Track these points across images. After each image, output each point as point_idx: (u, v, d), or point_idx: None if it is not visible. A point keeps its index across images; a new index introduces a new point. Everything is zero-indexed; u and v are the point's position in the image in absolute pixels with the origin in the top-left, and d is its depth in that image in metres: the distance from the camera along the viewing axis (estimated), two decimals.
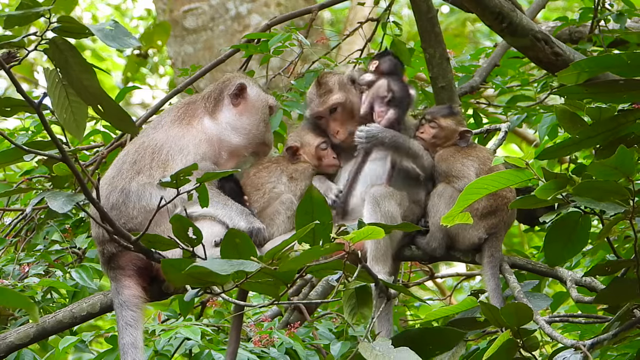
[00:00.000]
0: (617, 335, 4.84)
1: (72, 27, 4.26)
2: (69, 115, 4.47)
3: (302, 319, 6.72)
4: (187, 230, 4.53)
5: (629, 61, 4.77)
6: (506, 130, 6.22)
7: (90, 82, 4.34)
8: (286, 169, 5.58)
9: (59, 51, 4.30)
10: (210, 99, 5.52)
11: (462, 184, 5.48)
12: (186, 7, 11.75)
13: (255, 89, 5.59)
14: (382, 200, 5.33)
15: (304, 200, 4.53)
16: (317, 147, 5.61)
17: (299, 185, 5.54)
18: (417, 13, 7.00)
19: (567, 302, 7.27)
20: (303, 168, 5.59)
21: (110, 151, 7.02)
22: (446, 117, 5.69)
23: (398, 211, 5.38)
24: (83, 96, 4.38)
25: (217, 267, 4.15)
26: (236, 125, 5.50)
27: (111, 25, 4.27)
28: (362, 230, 4.40)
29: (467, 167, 5.56)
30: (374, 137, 5.45)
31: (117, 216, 5.21)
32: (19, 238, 6.85)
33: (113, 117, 4.47)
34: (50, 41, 4.28)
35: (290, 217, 5.41)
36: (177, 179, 4.54)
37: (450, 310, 5.18)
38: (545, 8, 10.19)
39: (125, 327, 5.17)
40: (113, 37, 4.28)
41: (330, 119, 5.60)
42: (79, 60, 4.31)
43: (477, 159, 5.60)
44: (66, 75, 4.35)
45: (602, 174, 4.58)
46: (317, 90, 5.62)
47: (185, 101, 5.62)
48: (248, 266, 4.16)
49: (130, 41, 4.30)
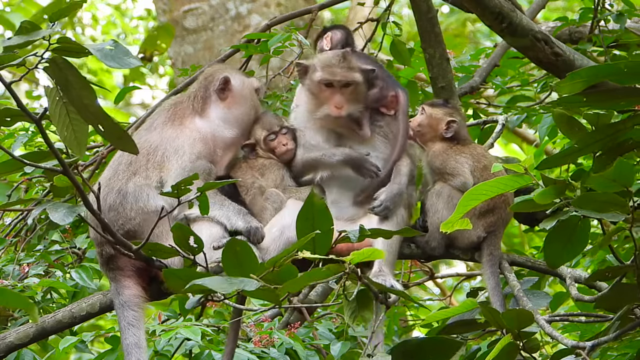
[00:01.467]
0: (618, 337, 4.84)
1: (72, 47, 4.27)
2: (70, 133, 4.47)
3: (302, 319, 6.71)
4: (188, 239, 4.54)
5: (626, 69, 4.79)
6: (503, 122, 6.21)
7: (90, 100, 4.35)
8: (253, 165, 5.59)
9: (59, 70, 4.31)
10: (197, 98, 5.53)
11: (457, 181, 5.49)
12: (186, 7, 11.74)
13: (238, 78, 5.59)
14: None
15: (305, 206, 4.52)
16: (265, 140, 5.60)
17: (270, 176, 5.55)
18: (417, 13, 6.99)
19: (567, 302, 7.27)
20: (268, 162, 5.59)
21: (110, 151, 7.01)
22: (434, 107, 5.70)
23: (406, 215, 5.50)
24: (83, 114, 4.39)
25: (217, 285, 4.17)
26: (228, 118, 5.52)
27: (111, 45, 4.28)
28: (362, 252, 4.40)
29: (460, 164, 5.56)
30: (387, 208, 5.47)
31: (115, 217, 5.22)
32: (19, 238, 6.85)
33: (113, 136, 4.48)
34: (50, 60, 4.29)
35: (278, 209, 5.44)
36: (178, 189, 4.56)
37: (450, 312, 5.17)
38: (545, 8, 10.19)
39: (128, 327, 5.17)
40: (112, 57, 4.28)
41: (339, 92, 5.56)
42: (78, 79, 4.32)
43: (471, 156, 5.60)
44: (66, 93, 4.36)
45: (601, 185, 4.61)
46: (339, 62, 5.55)
47: (172, 102, 5.64)
48: (248, 285, 4.18)
49: (130, 60, 4.30)
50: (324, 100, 5.54)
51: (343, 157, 5.50)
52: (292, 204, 5.40)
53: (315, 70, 5.55)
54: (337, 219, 5.29)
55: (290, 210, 5.34)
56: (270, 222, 5.40)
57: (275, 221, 5.40)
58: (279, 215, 5.42)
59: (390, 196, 5.45)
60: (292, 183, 5.59)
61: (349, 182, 5.56)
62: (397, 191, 5.48)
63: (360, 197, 5.56)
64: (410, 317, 8.44)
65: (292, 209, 5.30)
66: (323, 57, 5.62)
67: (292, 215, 4.72)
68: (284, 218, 5.38)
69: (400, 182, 5.50)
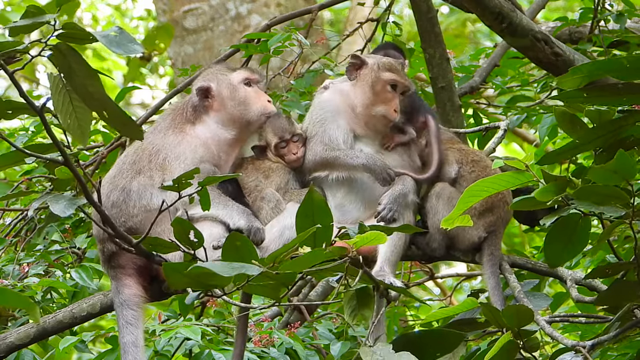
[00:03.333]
0: (618, 336, 4.84)
1: (77, 34, 4.25)
2: (73, 121, 4.46)
3: (302, 319, 6.72)
4: (188, 234, 4.53)
5: (628, 65, 4.78)
6: (505, 128, 6.21)
7: (95, 87, 4.32)
8: (259, 167, 5.58)
9: (63, 57, 4.29)
10: (187, 109, 5.53)
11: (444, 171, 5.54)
12: (186, 8, 11.74)
13: (216, 80, 5.56)
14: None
15: (304, 203, 4.51)
16: (276, 147, 5.59)
17: (275, 179, 5.54)
18: (417, 13, 7.01)
19: (567, 302, 7.27)
20: (275, 166, 5.58)
21: (110, 151, 7.03)
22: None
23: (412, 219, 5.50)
24: (87, 102, 4.37)
25: (219, 269, 4.14)
26: (223, 120, 5.52)
27: (115, 31, 4.26)
28: (366, 235, 4.38)
29: (445, 155, 5.61)
30: (391, 210, 5.44)
31: (117, 214, 5.25)
32: (19, 238, 6.85)
33: (117, 123, 4.45)
34: (54, 47, 4.26)
35: (274, 209, 5.43)
36: (179, 183, 4.55)
37: (451, 311, 5.17)
38: (545, 8, 10.19)
39: (126, 325, 5.17)
40: (117, 43, 4.27)
41: (397, 97, 5.51)
42: (83, 66, 4.30)
43: (458, 150, 5.67)
44: (70, 81, 4.33)
45: (602, 178, 4.59)
46: (402, 68, 5.58)
47: (173, 107, 5.66)
48: (250, 270, 4.15)
49: (134, 47, 4.29)
50: (384, 101, 5.50)
51: (366, 161, 5.44)
52: (292, 206, 5.38)
53: (381, 70, 5.52)
54: (341, 222, 5.28)
55: (290, 212, 5.33)
56: (270, 223, 5.40)
57: (275, 222, 5.39)
58: (280, 216, 5.41)
59: (392, 198, 5.43)
60: (296, 187, 5.57)
61: (357, 187, 5.52)
62: (400, 192, 5.45)
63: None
64: (410, 317, 8.44)
65: (292, 210, 5.29)
66: (385, 60, 5.58)
67: (293, 217, 4.72)
68: (285, 219, 5.38)
69: (403, 183, 5.48)
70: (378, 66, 5.51)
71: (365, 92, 5.51)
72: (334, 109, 5.58)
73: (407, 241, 5.44)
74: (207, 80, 5.56)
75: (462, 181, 5.55)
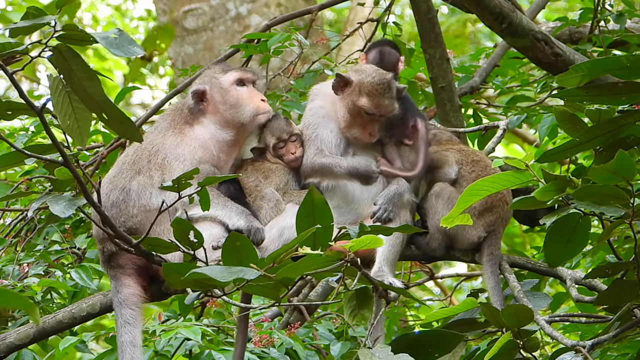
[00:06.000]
0: (618, 336, 4.84)
1: (77, 35, 4.25)
2: (72, 122, 4.46)
3: (302, 320, 6.72)
4: (188, 234, 4.53)
5: (628, 63, 4.78)
6: (504, 128, 6.20)
7: (94, 89, 4.33)
8: (259, 168, 5.59)
9: (63, 58, 4.29)
10: (184, 111, 5.54)
11: (443, 172, 5.53)
12: (186, 8, 11.75)
13: (210, 84, 5.57)
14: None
15: (304, 203, 4.52)
16: (274, 147, 5.60)
17: (275, 180, 5.55)
18: (417, 13, 7.00)
19: (567, 302, 7.27)
20: (274, 166, 5.59)
21: (110, 151, 7.03)
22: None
23: (410, 219, 5.49)
24: (87, 103, 4.38)
25: (217, 274, 4.14)
26: (220, 121, 5.53)
27: (116, 34, 4.26)
28: (362, 239, 4.38)
29: (445, 156, 5.61)
30: (386, 209, 5.43)
31: (117, 214, 5.25)
32: (19, 238, 6.85)
33: (117, 124, 4.46)
34: (54, 48, 4.27)
35: (273, 208, 5.44)
36: (179, 184, 4.55)
37: (451, 312, 5.17)
38: (546, 8, 10.19)
39: (124, 325, 5.18)
40: (117, 46, 4.27)
41: (377, 120, 5.51)
42: (82, 67, 4.30)
43: (458, 150, 5.66)
44: (70, 82, 4.34)
45: (602, 178, 4.59)
46: (384, 92, 5.48)
47: (173, 107, 5.67)
48: (248, 273, 4.15)
49: (134, 49, 4.29)
50: (360, 125, 5.51)
51: (348, 169, 5.46)
52: (292, 207, 5.39)
53: (361, 94, 5.49)
54: (340, 223, 5.28)
55: (290, 212, 5.34)
56: (269, 224, 5.40)
57: (275, 222, 5.40)
58: (279, 217, 5.42)
59: (387, 199, 5.43)
60: (296, 187, 5.58)
61: (352, 191, 5.53)
62: (395, 192, 5.45)
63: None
64: (410, 317, 8.44)
65: (292, 211, 5.29)
66: (368, 81, 5.51)
67: (293, 217, 4.71)
68: (284, 219, 5.38)
69: (398, 183, 5.48)
70: (359, 89, 5.49)
71: (344, 114, 5.53)
72: (325, 114, 5.62)
73: (404, 240, 5.44)
74: (202, 83, 5.58)
75: (463, 181, 5.55)
